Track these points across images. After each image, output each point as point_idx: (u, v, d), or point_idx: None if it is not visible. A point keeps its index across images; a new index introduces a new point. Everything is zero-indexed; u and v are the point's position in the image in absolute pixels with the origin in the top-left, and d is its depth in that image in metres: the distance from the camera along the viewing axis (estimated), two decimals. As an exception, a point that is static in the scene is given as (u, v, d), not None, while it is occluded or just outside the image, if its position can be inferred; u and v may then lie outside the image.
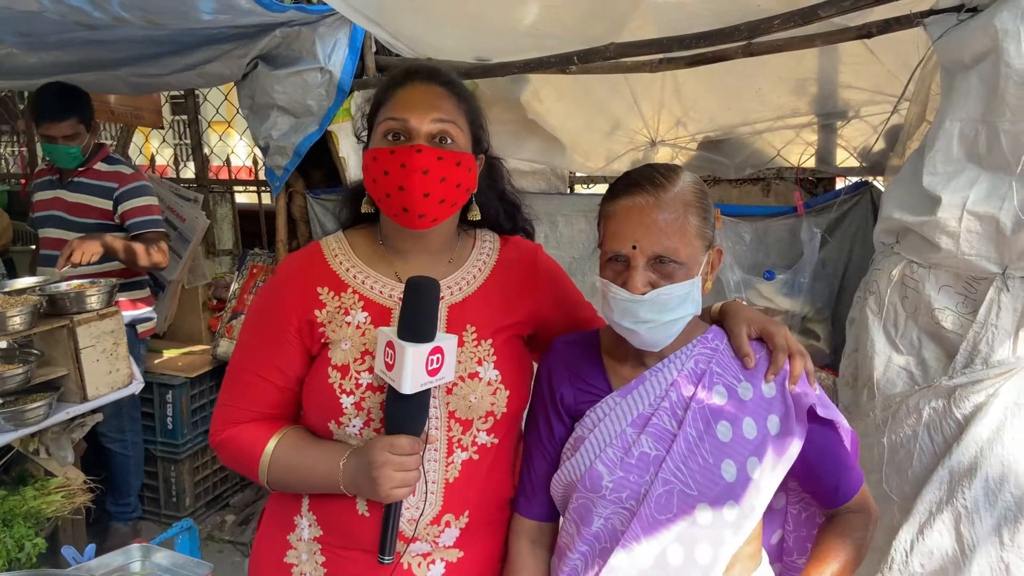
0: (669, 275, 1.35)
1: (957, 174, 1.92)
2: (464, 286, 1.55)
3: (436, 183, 1.42)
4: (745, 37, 2.37)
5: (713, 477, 1.38)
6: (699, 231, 1.37)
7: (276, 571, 1.54)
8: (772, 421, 1.41)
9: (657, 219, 1.34)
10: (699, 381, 1.42)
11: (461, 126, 1.48)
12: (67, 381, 2.84)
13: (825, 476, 1.47)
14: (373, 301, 1.51)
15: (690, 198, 1.37)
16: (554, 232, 3.21)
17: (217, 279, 4.68)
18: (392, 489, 1.36)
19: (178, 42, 3.40)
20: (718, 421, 1.39)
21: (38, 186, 3.72)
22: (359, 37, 3.34)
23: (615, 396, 1.45)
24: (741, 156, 3.49)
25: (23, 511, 2.59)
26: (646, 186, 1.36)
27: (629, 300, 1.35)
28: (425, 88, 1.47)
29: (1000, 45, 1.76)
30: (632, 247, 1.34)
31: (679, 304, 1.36)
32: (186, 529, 2.19)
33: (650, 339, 1.39)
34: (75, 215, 3.59)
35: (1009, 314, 1.90)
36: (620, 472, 1.40)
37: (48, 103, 3.45)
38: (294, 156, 3.45)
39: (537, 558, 1.53)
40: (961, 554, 1.92)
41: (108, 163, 3.65)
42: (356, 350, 1.47)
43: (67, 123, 3.44)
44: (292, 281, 1.54)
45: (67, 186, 3.61)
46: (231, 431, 1.53)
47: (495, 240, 1.65)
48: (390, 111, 1.46)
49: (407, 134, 1.44)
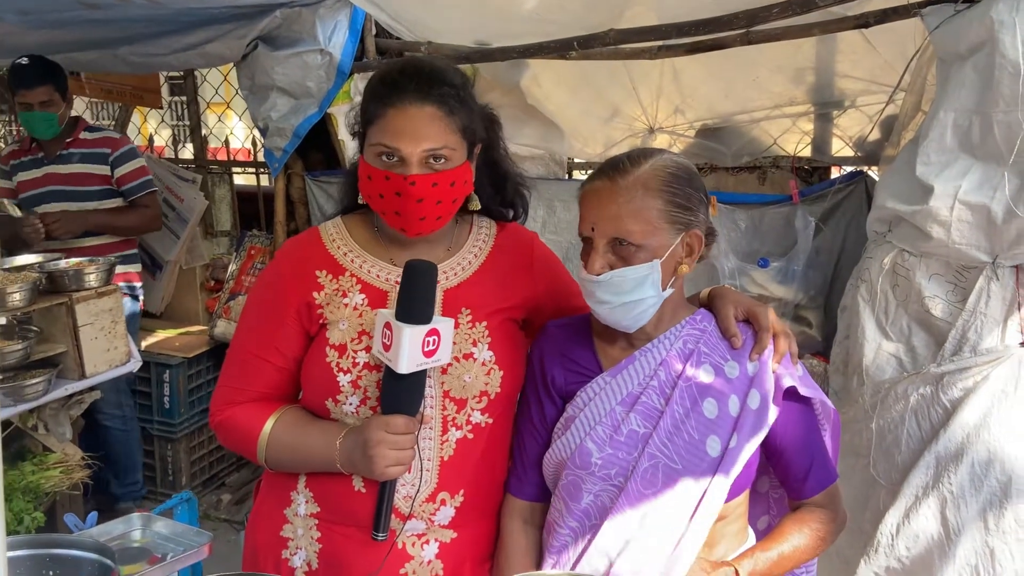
0: (626, 257, 1.39)
1: (950, 164, 1.94)
2: (460, 271, 1.58)
3: (432, 206, 1.45)
4: (744, 25, 2.39)
5: (698, 452, 1.41)
6: (664, 215, 1.39)
7: (272, 545, 1.57)
8: (753, 396, 1.44)
9: (614, 203, 1.38)
10: (687, 360, 1.45)
11: (454, 144, 1.45)
12: (66, 358, 2.86)
13: (797, 459, 1.49)
14: (370, 284, 1.53)
15: (653, 183, 1.39)
16: (552, 217, 3.22)
17: (215, 260, 4.69)
18: (387, 467, 1.39)
19: (178, 21, 3.40)
20: (704, 399, 1.43)
21: (18, 167, 3.72)
22: (359, 19, 3.34)
23: (605, 376, 1.48)
24: (738, 144, 3.51)
25: (21, 485, 2.61)
26: (609, 171, 1.42)
27: (587, 280, 1.42)
28: (415, 111, 1.42)
29: (995, 36, 1.78)
30: (591, 229, 1.41)
31: (636, 286, 1.39)
32: (185, 500, 2.22)
33: (612, 319, 1.43)
34: (76, 185, 3.64)
35: (998, 302, 1.93)
36: (609, 449, 1.43)
37: (23, 71, 3.52)
38: (293, 138, 3.46)
39: (528, 537, 1.56)
40: (946, 538, 1.95)
41: (92, 131, 3.74)
42: (353, 330, 1.49)
43: (42, 89, 3.50)
44: (291, 265, 1.56)
45: (56, 160, 3.65)
46: (230, 411, 1.55)
47: (491, 226, 1.67)
48: (381, 135, 1.44)
49: (400, 160, 1.43)
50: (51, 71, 3.56)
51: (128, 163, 3.69)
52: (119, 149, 3.69)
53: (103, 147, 3.68)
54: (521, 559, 1.53)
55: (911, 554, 1.99)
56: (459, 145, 1.48)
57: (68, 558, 1.17)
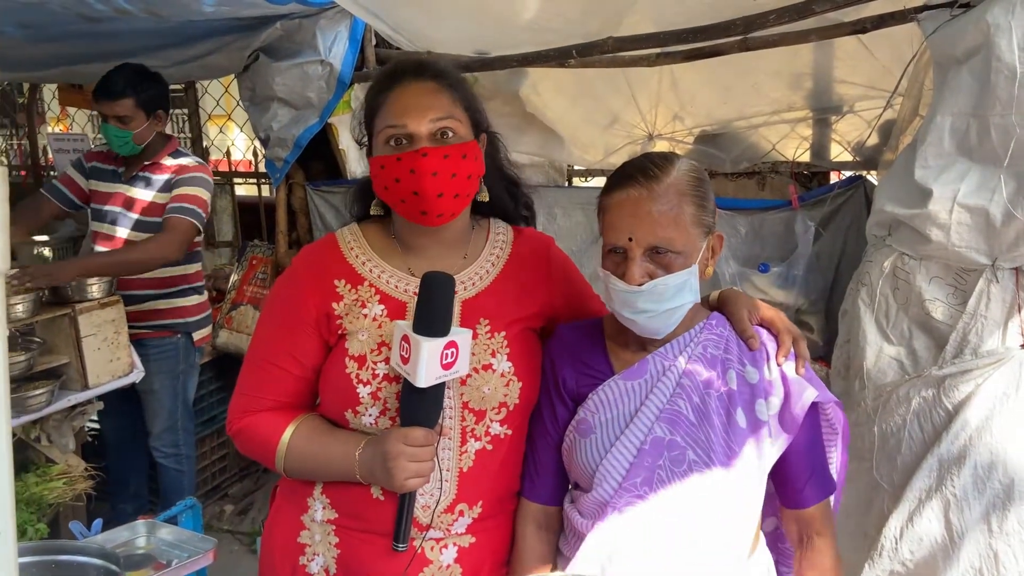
0: (666, 265, 1.37)
1: (948, 167, 1.94)
2: (477, 281, 1.57)
3: (447, 181, 1.44)
4: (741, 32, 2.40)
5: (737, 461, 1.40)
6: (695, 219, 1.39)
7: (289, 551, 1.56)
8: (772, 403, 1.44)
9: (652, 211, 1.36)
10: (713, 368, 1.44)
11: (459, 116, 1.48)
12: (68, 369, 2.87)
13: (799, 467, 1.47)
14: (389, 295, 1.52)
15: (685, 187, 1.39)
16: (552, 224, 3.23)
17: (217, 270, 4.70)
18: (406, 480, 1.38)
19: (180, 34, 3.42)
20: (736, 408, 1.42)
21: (94, 173, 3.36)
22: (359, 30, 3.37)
23: (618, 379, 1.47)
24: (737, 150, 3.52)
25: (25, 497, 2.62)
26: (640, 178, 1.38)
27: (627, 291, 1.37)
28: (416, 87, 1.47)
29: (991, 40, 1.78)
30: (628, 239, 1.37)
31: (676, 293, 1.38)
32: (189, 508, 2.22)
33: (650, 328, 1.41)
34: (144, 215, 3.24)
35: (998, 305, 1.93)
36: (632, 457, 1.42)
37: (106, 79, 3.14)
38: (294, 148, 3.48)
39: (543, 541, 1.55)
40: (950, 541, 1.95)
41: (174, 156, 3.29)
42: (373, 341, 1.48)
43: (121, 103, 3.11)
44: (309, 273, 1.55)
45: (132, 181, 3.27)
46: (248, 419, 1.54)
47: (508, 232, 1.67)
48: (387, 118, 1.46)
49: (409, 138, 1.45)
50: (136, 83, 3.14)
51: (184, 187, 3.21)
52: (183, 174, 3.23)
53: (173, 174, 3.25)
54: (536, 564, 1.52)
55: (915, 557, 1.99)
56: (464, 119, 1.49)
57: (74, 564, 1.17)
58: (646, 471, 1.41)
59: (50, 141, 5.10)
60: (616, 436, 1.44)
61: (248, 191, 5.11)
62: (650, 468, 1.41)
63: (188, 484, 3.59)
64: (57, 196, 3.37)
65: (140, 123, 3.16)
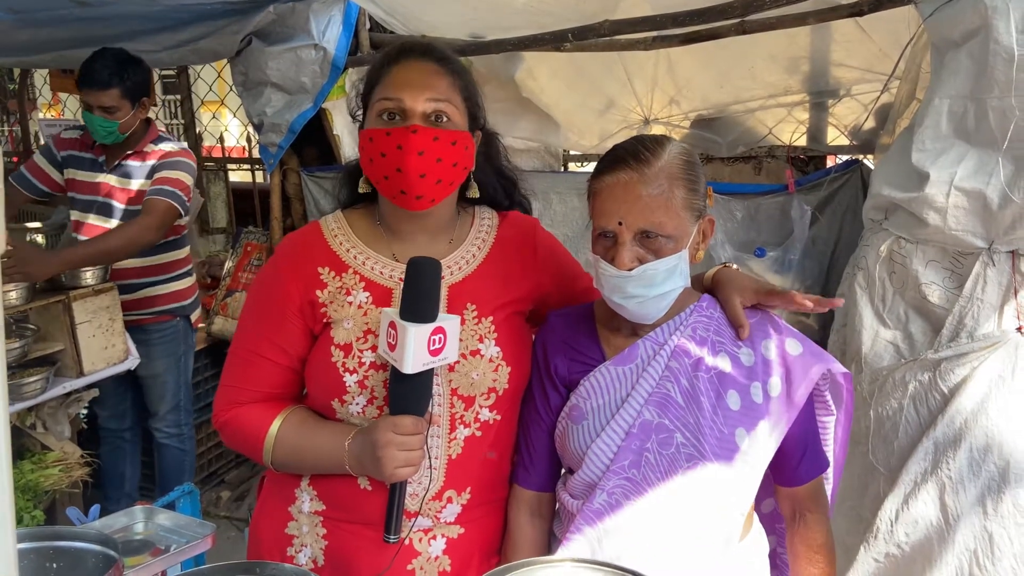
0: (656, 249, 1.36)
1: (945, 150, 1.94)
2: (464, 265, 1.55)
3: (432, 163, 1.41)
4: (738, 15, 2.39)
5: (728, 445, 1.40)
6: (686, 203, 1.37)
7: (277, 542, 1.55)
8: (773, 384, 1.43)
9: (642, 195, 1.34)
10: (703, 349, 1.43)
11: (456, 104, 1.47)
12: (63, 356, 2.86)
13: (793, 445, 1.47)
14: (374, 282, 1.50)
15: (676, 171, 1.37)
16: (548, 210, 3.23)
17: (211, 257, 4.69)
18: (396, 469, 1.36)
19: (171, 18, 3.39)
20: (728, 390, 1.41)
21: (71, 162, 3.26)
22: (353, 14, 3.34)
23: (609, 365, 1.47)
24: (733, 134, 3.51)
25: (21, 484, 2.61)
26: (630, 161, 1.36)
27: (616, 276, 1.36)
28: (420, 65, 1.46)
29: (989, 22, 1.78)
30: (618, 223, 1.35)
31: (667, 278, 1.37)
32: (187, 493, 2.22)
33: (640, 313, 1.40)
34: (136, 204, 3.16)
35: (995, 288, 1.93)
36: (621, 440, 1.42)
37: (91, 67, 3.04)
38: (288, 133, 3.45)
39: (536, 528, 1.54)
40: (945, 523, 1.96)
41: (156, 142, 3.24)
42: (358, 329, 1.46)
43: (108, 94, 3.03)
44: (292, 261, 1.53)
45: (115, 170, 3.20)
46: (234, 412, 1.52)
47: (493, 217, 1.65)
48: (384, 90, 1.45)
49: (402, 114, 1.42)
50: (122, 72, 3.05)
51: (162, 171, 3.15)
52: (165, 159, 3.18)
53: (155, 160, 3.20)
54: (529, 551, 1.51)
55: (910, 540, 2.00)
56: (461, 107, 1.47)
57: (72, 550, 1.16)
58: (634, 454, 1.41)
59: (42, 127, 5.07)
60: (607, 421, 1.44)
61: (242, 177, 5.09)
62: (638, 451, 1.41)
63: (189, 465, 3.62)
64: (24, 185, 3.29)
65: (126, 112, 3.10)
